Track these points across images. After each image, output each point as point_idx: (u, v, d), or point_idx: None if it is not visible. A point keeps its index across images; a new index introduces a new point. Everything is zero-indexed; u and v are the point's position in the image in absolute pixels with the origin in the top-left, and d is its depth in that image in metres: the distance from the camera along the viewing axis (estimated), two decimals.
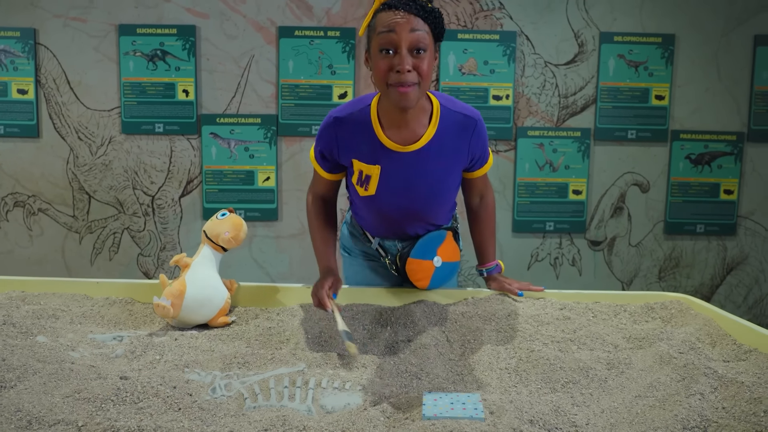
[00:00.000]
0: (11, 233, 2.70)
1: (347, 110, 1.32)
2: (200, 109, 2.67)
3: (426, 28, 1.17)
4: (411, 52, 1.15)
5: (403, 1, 1.15)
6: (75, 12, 2.60)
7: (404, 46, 1.15)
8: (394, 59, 1.16)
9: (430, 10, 1.17)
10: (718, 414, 0.92)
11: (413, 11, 1.15)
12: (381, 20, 1.17)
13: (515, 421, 0.90)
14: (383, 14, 1.17)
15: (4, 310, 1.36)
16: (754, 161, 2.74)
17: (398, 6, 1.15)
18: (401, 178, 1.33)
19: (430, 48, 1.18)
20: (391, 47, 1.15)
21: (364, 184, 1.35)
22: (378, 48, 1.17)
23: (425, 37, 1.16)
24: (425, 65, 1.16)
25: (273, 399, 1.02)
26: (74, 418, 0.90)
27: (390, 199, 1.35)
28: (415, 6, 1.15)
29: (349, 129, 1.31)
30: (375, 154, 1.31)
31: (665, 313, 1.41)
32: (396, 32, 1.14)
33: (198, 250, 1.43)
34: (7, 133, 2.64)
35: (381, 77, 1.18)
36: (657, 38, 2.66)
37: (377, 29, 1.17)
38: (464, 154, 1.34)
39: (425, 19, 1.16)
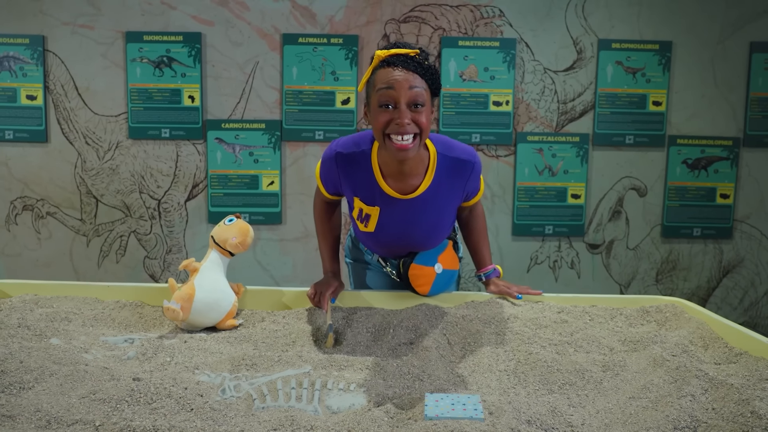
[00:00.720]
0: (20, 236, 2.74)
1: (350, 148, 1.36)
2: (206, 114, 2.71)
3: (424, 84, 1.21)
4: (410, 107, 1.20)
5: (402, 59, 1.19)
6: (83, 19, 2.64)
7: (403, 101, 1.19)
8: (393, 113, 1.20)
9: (428, 68, 1.21)
10: (708, 415, 0.96)
11: (411, 69, 1.19)
12: (380, 77, 1.21)
13: (513, 422, 0.93)
14: (382, 71, 1.21)
15: (19, 313, 1.40)
16: (749, 166, 2.78)
17: (397, 64, 1.19)
18: (399, 221, 1.39)
19: (428, 102, 1.22)
20: (391, 102, 1.20)
21: (364, 221, 1.40)
22: (377, 103, 1.21)
23: (423, 93, 1.20)
24: (423, 118, 1.21)
25: (281, 400, 1.05)
26: (91, 418, 0.93)
27: (388, 236, 1.42)
28: (413, 64, 1.19)
29: (351, 167, 1.36)
30: (374, 197, 1.36)
31: (660, 316, 1.45)
32: (395, 89, 1.18)
33: (206, 255, 1.46)
34: (17, 138, 2.68)
35: (380, 129, 1.23)
36: (654, 45, 2.70)
37: (376, 86, 1.21)
38: (460, 194, 1.41)
39: (423, 75, 1.20)
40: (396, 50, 1.21)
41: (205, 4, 2.65)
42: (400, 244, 1.45)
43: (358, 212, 1.41)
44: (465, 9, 2.68)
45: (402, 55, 1.20)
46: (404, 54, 1.21)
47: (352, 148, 1.36)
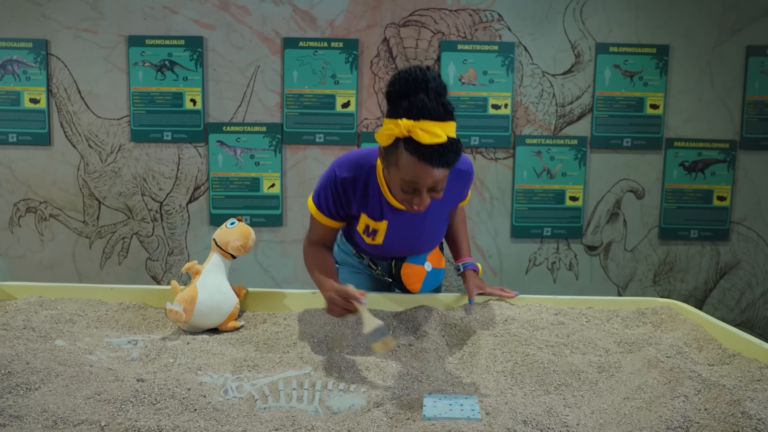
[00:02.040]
0: (23, 238, 2.76)
1: (353, 171, 1.31)
2: (207, 117, 2.73)
3: (447, 171, 1.16)
4: (429, 191, 1.18)
5: (428, 154, 1.10)
6: (86, 24, 2.67)
7: (425, 189, 1.16)
8: (413, 195, 1.17)
9: (453, 155, 1.13)
10: (700, 415, 0.97)
11: (437, 164, 1.12)
12: (405, 165, 1.13)
13: (509, 422, 0.95)
14: (407, 158, 1.12)
15: (24, 315, 1.42)
16: (746, 168, 2.80)
17: (423, 157, 1.11)
18: (407, 231, 1.40)
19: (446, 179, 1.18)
20: (412, 189, 1.17)
21: (372, 235, 1.40)
22: (399, 185, 1.17)
23: (444, 179, 1.17)
24: (440, 194, 1.20)
25: (282, 400, 1.07)
26: (97, 418, 0.95)
27: (395, 246, 1.44)
28: (439, 158, 1.11)
29: (356, 189, 1.33)
30: (382, 211, 1.35)
31: (655, 318, 1.47)
32: (419, 182, 1.14)
33: (208, 258, 1.48)
34: (20, 141, 2.71)
35: (398, 199, 1.21)
36: (652, 49, 2.72)
37: (400, 170, 1.14)
38: (456, 200, 1.46)
39: (447, 166, 1.14)
40: (423, 134, 1.09)
41: (206, 9, 2.68)
42: (404, 251, 1.48)
43: (364, 227, 1.40)
44: (464, 13, 2.71)
45: (429, 149, 1.10)
46: (431, 147, 1.10)
47: (355, 170, 1.32)
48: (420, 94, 1.10)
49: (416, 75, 1.10)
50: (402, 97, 1.11)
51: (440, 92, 1.12)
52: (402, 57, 2.72)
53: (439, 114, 1.10)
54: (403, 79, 1.11)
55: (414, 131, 1.09)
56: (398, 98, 1.12)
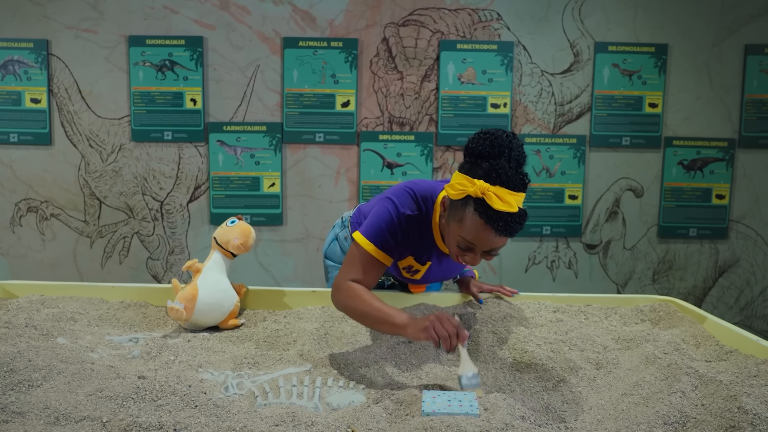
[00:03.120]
0: (24, 238, 2.77)
1: (414, 208, 1.27)
2: (207, 117, 2.74)
3: (507, 240, 1.13)
4: (484, 254, 1.16)
5: (502, 226, 1.08)
6: (86, 24, 2.68)
7: (481, 251, 1.15)
8: (468, 253, 1.15)
9: (518, 228, 1.11)
10: (697, 410, 0.98)
11: (502, 233, 1.10)
12: (470, 224, 1.11)
13: (508, 417, 0.96)
14: (475, 219, 1.10)
15: (26, 313, 1.43)
16: (744, 167, 2.80)
17: (496, 229, 1.09)
18: (445, 270, 1.42)
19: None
20: (468, 248, 1.15)
21: (412, 273, 1.40)
22: (456, 242, 1.15)
23: (502, 246, 1.15)
24: (492, 257, 1.18)
25: (282, 397, 1.08)
26: (98, 414, 0.96)
27: (429, 280, 1.46)
28: (506, 229, 1.09)
29: (413, 228, 1.27)
30: (429, 254, 1.34)
31: (654, 315, 1.47)
32: (479, 245, 1.13)
33: (209, 256, 1.49)
34: (21, 141, 2.71)
35: (451, 253, 1.20)
36: (650, 48, 2.73)
37: (463, 227, 1.12)
38: None
39: (511, 236, 1.12)
40: (498, 202, 1.06)
41: (206, 8, 2.68)
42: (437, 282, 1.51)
43: (406, 266, 1.38)
44: (463, 13, 2.71)
45: (500, 216, 1.07)
46: (502, 215, 1.07)
47: (416, 207, 1.27)
48: (502, 160, 1.09)
49: (502, 140, 1.10)
50: (483, 158, 1.10)
51: (521, 162, 1.11)
52: (401, 56, 2.73)
53: (516, 185, 1.08)
54: (488, 141, 1.10)
55: (488, 195, 1.07)
56: (479, 158, 1.11)
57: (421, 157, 2.75)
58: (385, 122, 2.75)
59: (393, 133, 2.74)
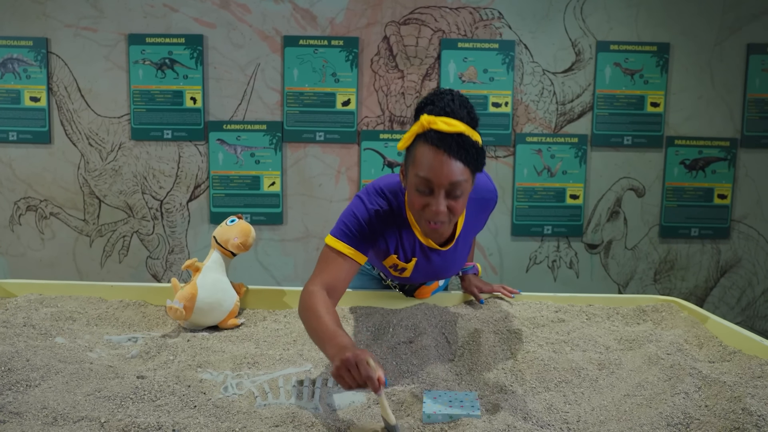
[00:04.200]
0: (24, 236, 2.77)
1: (384, 203, 1.25)
2: (207, 116, 2.73)
3: (466, 172, 1.10)
4: (447, 194, 1.11)
5: (447, 142, 1.07)
6: (86, 22, 2.67)
7: (442, 189, 1.10)
8: (429, 198, 1.12)
9: (473, 150, 1.09)
10: (701, 412, 0.97)
11: (455, 154, 1.07)
12: (421, 156, 1.10)
13: (510, 418, 0.95)
14: (424, 149, 1.09)
15: (24, 313, 1.42)
16: (747, 166, 2.79)
17: (440, 146, 1.08)
18: (435, 267, 1.37)
19: (468, 188, 1.13)
20: (428, 189, 1.11)
21: (400, 271, 1.36)
22: (415, 186, 1.13)
23: (463, 183, 1.10)
24: (460, 205, 1.13)
25: (282, 397, 1.07)
26: (97, 414, 0.95)
27: (421, 277, 1.41)
28: (457, 148, 1.07)
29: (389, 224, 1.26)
30: (413, 251, 1.31)
31: (656, 315, 1.47)
32: (435, 177, 1.08)
33: (208, 255, 1.48)
34: (20, 140, 2.71)
35: (415, 210, 1.15)
36: (652, 47, 2.72)
37: (416, 165, 1.11)
38: (482, 225, 1.41)
39: (466, 161, 1.09)
40: (443, 123, 1.07)
41: (206, 7, 2.68)
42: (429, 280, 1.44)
43: (392, 265, 1.34)
44: (464, 11, 2.71)
45: (448, 136, 1.07)
46: (451, 135, 1.07)
47: (384, 203, 1.25)
48: (447, 98, 1.11)
49: (444, 90, 1.14)
50: (427, 104, 1.12)
51: (466, 104, 1.12)
52: (402, 55, 2.72)
53: (463, 117, 1.09)
54: (431, 93, 1.14)
55: (434, 122, 1.08)
56: (424, 106, 1.13)
57: None
58: (385, 121, 2.75)
59: (394, 132, 2.73)
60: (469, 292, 1.51)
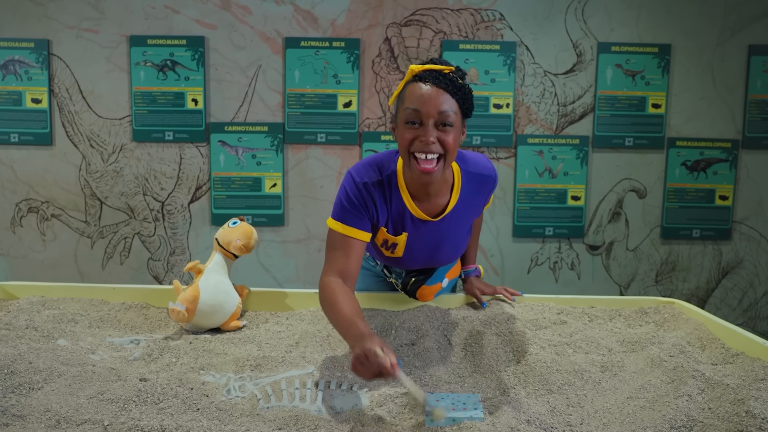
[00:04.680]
0: (25, 238, 2.77)
1: (373, 175, 1.26)
2: (209, 117, 2.73)
3: (454, 105, 1.15)
4: (437, 126, 1.15)
5: (434, 75, 1.14)
6: (87, 23, 2.67)
7: (430, 119, 1.14)
8: (419, 130, 1.15)
9: (460, 86, 1.15)
10: (704, 414, 0.97)
11: (443, 87, 1.14)
12: (410, 93, 1.16)
13: (513, 421, 0.95)
14: (413, 86, 1.16)
15: (26, 315, 1.42)
16: (748, 168, 2.79)
17: (428, 79, 1.15)
18: (427, 243, 1.35)
19: (457, 123, 1.16)
20: (418, 120, 1.15)
21: (390, 248, 1.35)
22: (404, 120, 1.16)
23: (451, 114, 1.15)
24: (450, 139, 1.15)
25: (285, 400, 1.07)
26: (100, 417, 0.95)
27: (415, 259, 1.39)
28: (444, 81, 1.14)
29: (380, 196, 1.26)
30: (403, 223, 1.30)
31: (658, 317, 1.47)
32: (423, 106, 1.13)
33: (210, 257, 1.48)
34: (22, 141, 2.71)
35: (405, 146, 1.17)
36: (653, 48, 2.72)
37: (405, 102, 1.17)
38: (480, 207, 1.40)
39: (454, 95, 1.15)
40: (430, 65, 1.16)
41: (208, 8, 2.68)
42: (426, 263, 1.41)
43: (382, 241, 1.33)
44: (466, 13, 2.71)
45: (435, 71, 1.15)
46: (438, 70, 1.15)
47: (374, 174, 1.26)
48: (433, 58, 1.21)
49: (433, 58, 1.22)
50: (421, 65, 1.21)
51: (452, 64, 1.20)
52: (404, 56, 2.72)
53: (448, 64, 1.18)
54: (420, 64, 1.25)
55: (423, 67, 1.17)
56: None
57: None
58: (387, 123, 2.75)
59: None
60: (471, 294, 1.51)
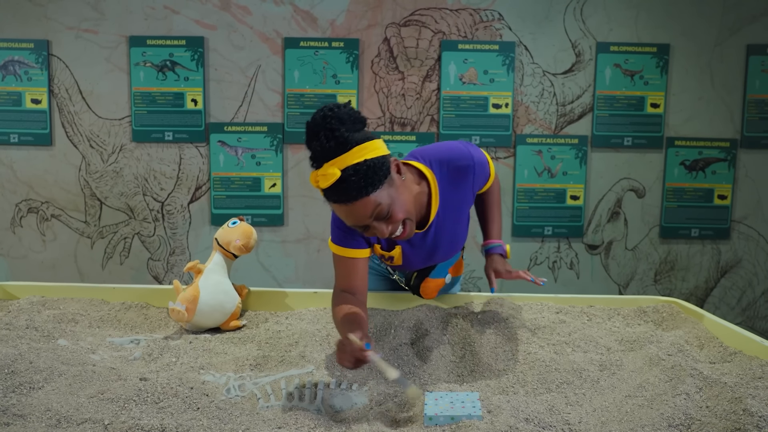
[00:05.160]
0: (25, 238, 2.77)
1: None
2: (208, 117, 2.74)
3: (372, 198, 1.06)
4: (378, 220, 1.09)
5: (335, 193, 1.05)
6: (87, 24, 2.67)
7: (367, 225, 1.10)
8: (369, 231, 1.12)
9: (361, 181, 1.03)
10: (702, 413, 0.98)
11: (351, 199, 1.05)
12: (335, 211, 1.11)
13: (511, 420, 0.95)
14: (331, 205, 1.09)
15: (27, 315, 1.42)
16: (747, 167, 2.80)
17: (335, 200, 1.07)
18: (422, 250, 1.33)
19: (386, 196, 1.08)
20: (361, 229, 1.12)
21: (389, 259, 1.35)
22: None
23: (376, 204, 1.06)
24: (397, 214, 1.10)
25: (284, 399, 1.08)
26: (100, 417, 0.95)
27: (415, 263, 1.38)
28: (346, 192, 1.04)
29: None
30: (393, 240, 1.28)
31: (657, 316, 1.47)
32: (354, 224, 1.10)
33: (210, 257, 1.49)
34: (22, 142, 2.71)
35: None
36: (652, 48, 2.72)
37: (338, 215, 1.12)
38: (470, 196, 1.32)
39: (365, 193, 1.05)
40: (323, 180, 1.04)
41: (207, 9, 2.68)
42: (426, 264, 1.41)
43: (380, 255, 1.35)
44: (464, 13, 2.71)
45: (333, 188, 1.04)
46: (334, 188, 1.04)
47: None
48: (314, 141, 1.05)
49: (313, 120, 1.05)
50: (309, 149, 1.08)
51: (333, 127, 1.02)
52: (403, 57, 2.72)
53: (330, 153, 1.03)
54: (307, 130, 1.07)
55: (316, 182, 1.06)
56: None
57: None
58: (386, 123, 2.75)
59: (394, 134, 2.74)
60: (486, 273, 1.42)
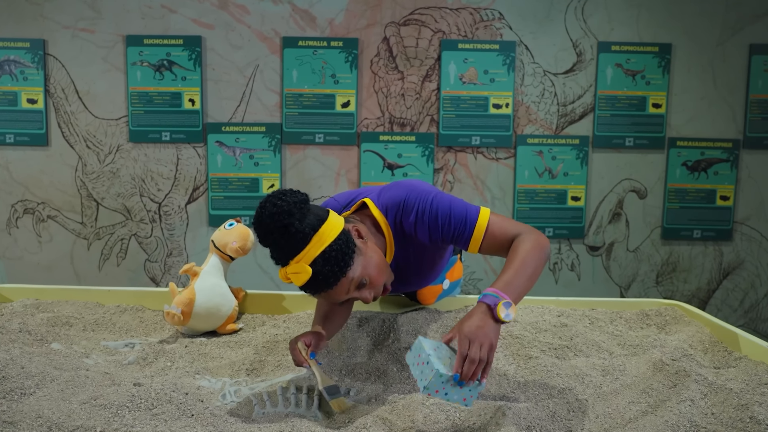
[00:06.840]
0: (21, 240, 2.75)
1: None
2: (206, 117, 2.71)
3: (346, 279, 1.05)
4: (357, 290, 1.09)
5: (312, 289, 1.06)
6: (83, 23, 2.65)
7: (347, 298, 1.10)
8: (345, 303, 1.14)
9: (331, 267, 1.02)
10: (707, 420, 0.96)
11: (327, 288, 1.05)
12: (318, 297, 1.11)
13: (513, 428, 0.93)
14: (312, 294, 1.09)
15: (20, 318, 1.40)
16: (749, 168, 2.78)
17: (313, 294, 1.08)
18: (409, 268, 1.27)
19: (362, 270, 1.07)
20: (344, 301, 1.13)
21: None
22: None
23: (353, 280, 1.06)
24: (374, 281, 1.09)
25: (281, 405, 1.06)
26: (92, 424, 0.93)
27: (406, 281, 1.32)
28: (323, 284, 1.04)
29: None
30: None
31: (660, 319, 1.45)
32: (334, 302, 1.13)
33: (206, 260, 1.47)
34: (17, 142, 2.69)
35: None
36: (654, 47, 2.70)
37: None
38: (424, 234, 1.15)
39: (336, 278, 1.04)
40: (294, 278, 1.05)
41: (205, 8, 2.66)
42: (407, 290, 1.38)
43: None
44: (465, 12, 2.69)
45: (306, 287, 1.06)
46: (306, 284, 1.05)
47: None
48: (270, 243, 1.04)
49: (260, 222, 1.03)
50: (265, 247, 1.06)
51: (285, 223, 1.01)
52: (402, 56, 2.70)
53: (292, 251, 1.03)
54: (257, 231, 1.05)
55: (288, 278, 1.06)
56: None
57: (422, 158, 2.72)
58: (385, 123, 2.73)
59: (394, 134, 2.72)
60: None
